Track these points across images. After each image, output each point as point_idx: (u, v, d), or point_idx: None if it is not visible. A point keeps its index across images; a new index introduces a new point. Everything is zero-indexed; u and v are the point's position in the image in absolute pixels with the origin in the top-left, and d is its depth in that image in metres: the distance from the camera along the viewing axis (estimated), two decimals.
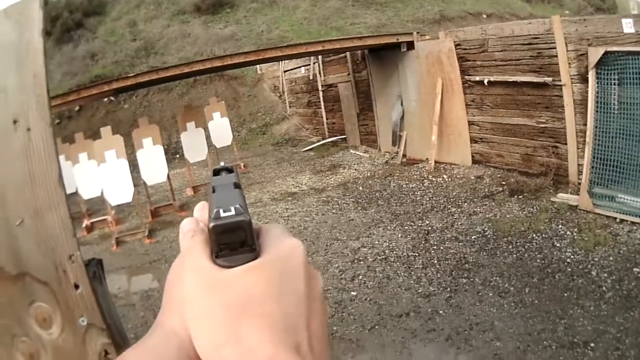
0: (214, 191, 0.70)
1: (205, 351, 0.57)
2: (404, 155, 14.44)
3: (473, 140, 12.02)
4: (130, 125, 18.99)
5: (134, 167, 13.51)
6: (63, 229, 1.38)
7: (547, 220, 8.63)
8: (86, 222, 14.02)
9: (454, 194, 10.94)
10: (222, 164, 0.83)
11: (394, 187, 12.45)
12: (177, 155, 20.74)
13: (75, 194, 13.28)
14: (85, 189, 13.17)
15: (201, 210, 0.73)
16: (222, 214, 0.60)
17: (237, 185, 0.72)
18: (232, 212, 0.60)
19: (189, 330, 0.59)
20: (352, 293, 7.69)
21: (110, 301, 1.53)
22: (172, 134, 21.56)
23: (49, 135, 1.36)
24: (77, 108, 23.99)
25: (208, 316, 0.57)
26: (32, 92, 1.35)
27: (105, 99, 24.08)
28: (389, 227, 9.98)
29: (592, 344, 5.43)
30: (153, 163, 13.37)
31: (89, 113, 24.55)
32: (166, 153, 13.86)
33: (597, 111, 8.54)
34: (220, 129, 16.92)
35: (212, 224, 0.60)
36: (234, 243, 0.60)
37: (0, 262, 1.37)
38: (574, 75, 9.04)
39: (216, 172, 0.78)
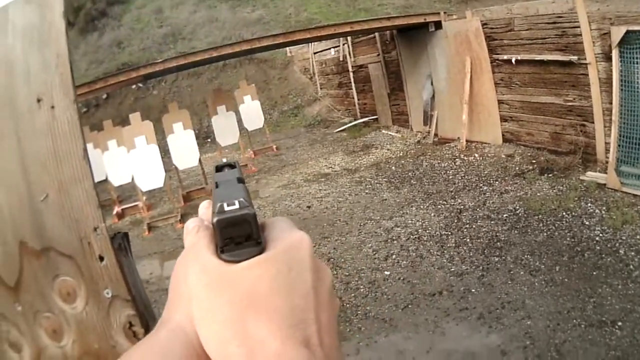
0: (217, 187, 0.70)
1: (213, 348, 0.57)
2: (436, 135, 14.38)
3: (503, 119, 11.94)
4: (159, 111, 18.96)
5: (164, 152, 13.47)
6: (88, 201, 1.36)
7: (576, 198, 8.58)
8: (117, 209, 14.10)
9: (486, 172, 10.89)
10: (224, 160, 0.83)
11: (426, 166, 12.43)
12: (209, 140, 20.73)
13: (105, 181, 13.36)
14: (115, 175, 13.24)
15: (206, 208, 0.73)
16: (226, 208, 0.60)
17: (240, 180, 0.71)
18: (237, 206, 0.60)
19: (195, 326, 0.59)
20: (386, 272, 7.76)
21: (136, 274, 1.51)
22: (203, 119, 21.46)
23: (73, 112, 1.34)
24: (104, 96, 23.94)
25: (214, 312, 0.57)
26: (56, 71, 1.34)
27: (134, 86, 24.04)
28: (421, 207, 10.00)
29: (620, 323, 5.43)
30: (184, 148, 13.34)
31: (117, 100, 24.54)
32: (197, 137, 13.83)
33: (622, 89, 8.48)
34: (252, 112, 16.94)
35: (215, 218, 0.60)
36: (238, 237, 0.60)
37: (24, 238, 1.35)
38: (598, 53, 8.95)
39: (219, 169, 0.78)
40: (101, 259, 1.36)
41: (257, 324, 0.55)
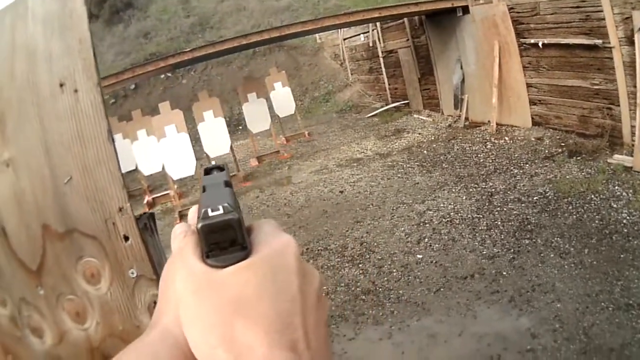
0: (204, 191, 0.70)
1: (201, 353, 0.57)
2: (466, 118, 14.35)
3: (532, 102, 11.88)
4: (189, 100, 18.92)
5: (195, 140, 13.52)
6: (113, 182, 1.36)
7: (604, 181, 8.52)
8: (147, 198, 14.17)
9: (516, 155, 10.84)
10: (213, 162, 0.80)
11: (457, 150, 12.45)
12: (240, 127, 20.72)
13: (135, 170, 13.45)
14: (146, 165, 13.32)
15: (194, 214, 0.72)
16: (211, 213, 0.59)
17: (227, 184, 0.71)
18: (221, 211, 0.59)
19: (183, 330, 0.59)
20: (418, 256, 7.78)
21: (162, 253, 1.49)
22: (234, 106, 21.46)
23: (97, 95, 1.35)
24: (132, 86, 23.97)
25: (201, 318, 0.57)
26: (79, 56, 1.36)
27: (162, 76, 24.09)
28: (453, 190, 10.06)
29: None
30: (215, 135, 13.43)
31: (145, 90, 24.62)
32: (229, 125, 13.89)
33: None
34: (283, 98, 16.93)
35: (200, 224, 0.59)
36: (223, 242, 0.59)
37: (47, 221, 1.38)
38: (622, 37, 8.89)
39: (207, 172, 0.77)
40: (126, 238, 1.37)
41: (243, 329, 0.55)
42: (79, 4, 1.37)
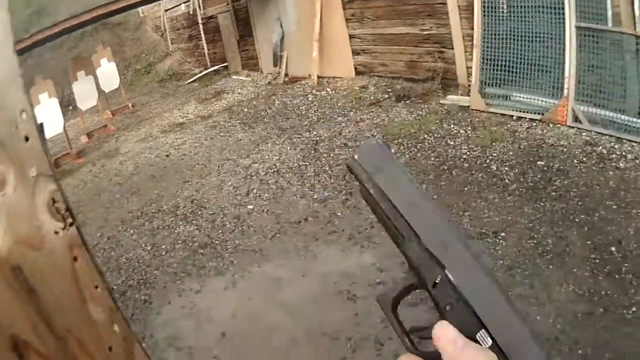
0: None
1: None
2: (286, 75, 14.12)
3: (355, 53, 11.75)
4: (29, 86, 17.91)
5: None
6: (13, 84, 1.15)
7: (437, 121, 8.59)
8: None
9: (339, 104, 10.81)
10: None
11: (278, 104, 12.26)
12: (70, 107, 19.69)
13: None
14: None
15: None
16: None
17: None
18: None
19: None
20: (249, 207, 7.69)
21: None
22: (65, 86, 20.16)
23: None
24: None
25: None
26: None
27: None
28: (277, 142, 9.96)
29: (503, 234, 5.42)
30: (50, 116, 12.88)
31: None
32: (60, 106, 13.69)
33: (484, 15, 8.29)
34: (108, 73, 16.65)
35: None
36: None
37: None
38: None
39: None
40: (26, 139, 1.16)
41: None
42: None
